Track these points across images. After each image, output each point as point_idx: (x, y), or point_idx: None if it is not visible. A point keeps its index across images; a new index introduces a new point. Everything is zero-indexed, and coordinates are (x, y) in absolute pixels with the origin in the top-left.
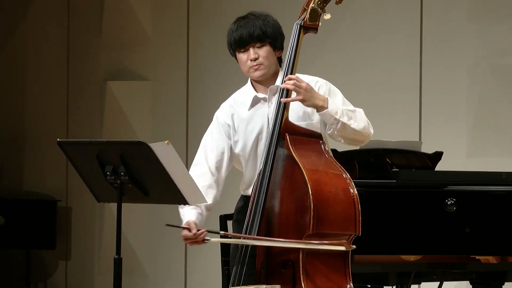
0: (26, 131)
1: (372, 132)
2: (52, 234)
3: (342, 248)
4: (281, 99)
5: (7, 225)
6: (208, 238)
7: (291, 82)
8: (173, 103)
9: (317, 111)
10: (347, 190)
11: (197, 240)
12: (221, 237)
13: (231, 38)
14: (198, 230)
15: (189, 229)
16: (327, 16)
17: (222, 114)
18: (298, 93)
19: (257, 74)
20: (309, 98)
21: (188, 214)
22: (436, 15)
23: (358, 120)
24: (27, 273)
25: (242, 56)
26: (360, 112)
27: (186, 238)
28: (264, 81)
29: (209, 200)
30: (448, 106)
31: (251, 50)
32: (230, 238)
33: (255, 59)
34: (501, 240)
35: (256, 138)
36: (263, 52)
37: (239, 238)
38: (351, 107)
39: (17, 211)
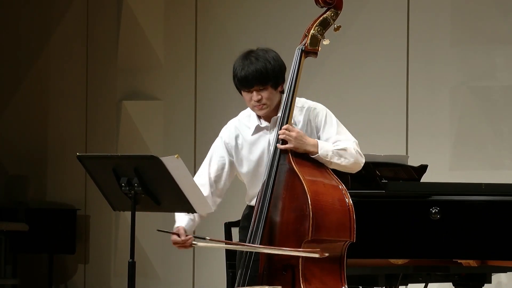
0: (49, 147)
1: (363, 161)
2: (72, 240)
3: (316, 255)
4: (277, 145)
5: (31, 232)
6: (196, 242)
7: (282, 131)
8: (182, 121)
9: (310, 155)
10: (343, 200)
11: (184, 245)
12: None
13: (236, 78)
14: (186, 236)
15: (178, 235)
16: (326, 42)
17: (227, 133)
18: (289, 141)
19: (261, 112)
20: (300, 145)
21: (180, 220)
22: (421, 41)
23: (348, 157)
24: (49, 275)
25: (246, 95)
26: (350, 148)
27: (175, 243)
28: None
29: None
30: (432, 124)
31: (254, 93)
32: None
33: (259, 100)
34: (481, 245)
35: (258, 161)
36: (266, 94)
37: (223, 243)
38: (342, 145)
39: (40, 219)
